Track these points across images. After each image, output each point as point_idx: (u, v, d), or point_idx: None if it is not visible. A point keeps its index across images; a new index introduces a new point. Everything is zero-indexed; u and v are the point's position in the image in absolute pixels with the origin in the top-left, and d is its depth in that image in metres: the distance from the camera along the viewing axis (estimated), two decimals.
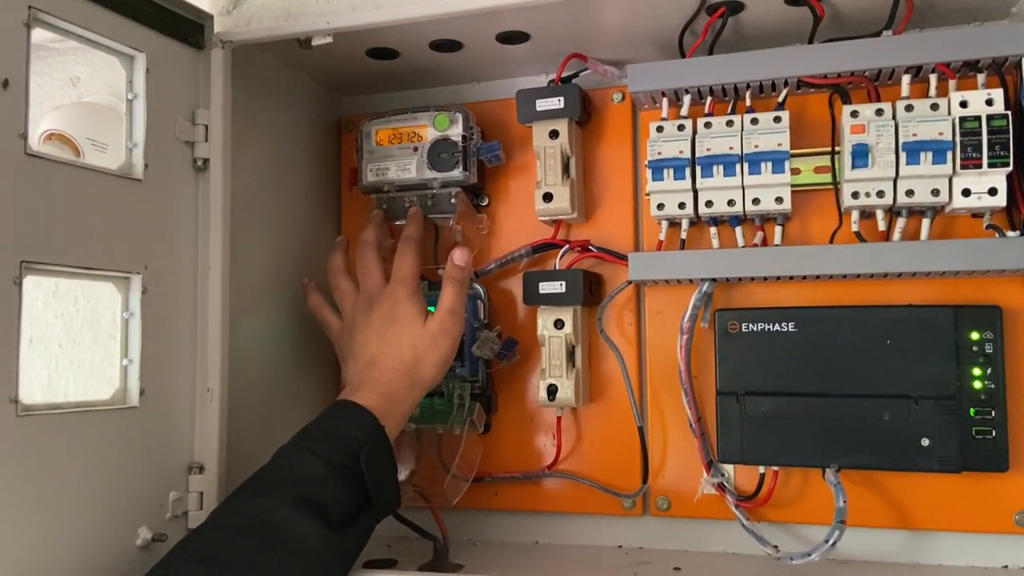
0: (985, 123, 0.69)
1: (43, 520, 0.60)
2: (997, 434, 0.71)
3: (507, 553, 0.85)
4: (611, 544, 0.86)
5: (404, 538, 0.84)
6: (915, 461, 0.72)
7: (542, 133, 0.83)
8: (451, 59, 0.87)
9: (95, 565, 0.64)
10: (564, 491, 0.86)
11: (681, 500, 0.82)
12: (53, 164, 0.63)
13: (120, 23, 0.69)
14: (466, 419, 0.84)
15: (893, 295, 0.77)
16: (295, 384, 0.88)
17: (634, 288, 0.85)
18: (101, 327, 0.90)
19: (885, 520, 0.76)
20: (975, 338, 0.72)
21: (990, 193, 0.69)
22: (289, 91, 0.90)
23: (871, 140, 0.72)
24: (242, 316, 0.79)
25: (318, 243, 0.92)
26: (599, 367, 0.86)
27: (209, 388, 0.74)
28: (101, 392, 0.70)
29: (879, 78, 0.75)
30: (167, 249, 0.73)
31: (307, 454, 0.67)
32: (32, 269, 0.61)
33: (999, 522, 0.74)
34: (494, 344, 0.84)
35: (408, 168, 0.87)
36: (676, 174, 0.77)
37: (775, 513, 0.79)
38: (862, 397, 0.73)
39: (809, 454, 0.74)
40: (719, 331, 0.78)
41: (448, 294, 0.79)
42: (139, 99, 0.71)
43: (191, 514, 0.73)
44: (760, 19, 0.77)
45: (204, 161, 0.76)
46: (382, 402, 0.72)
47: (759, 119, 0.75)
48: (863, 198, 0.73)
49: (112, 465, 0.66)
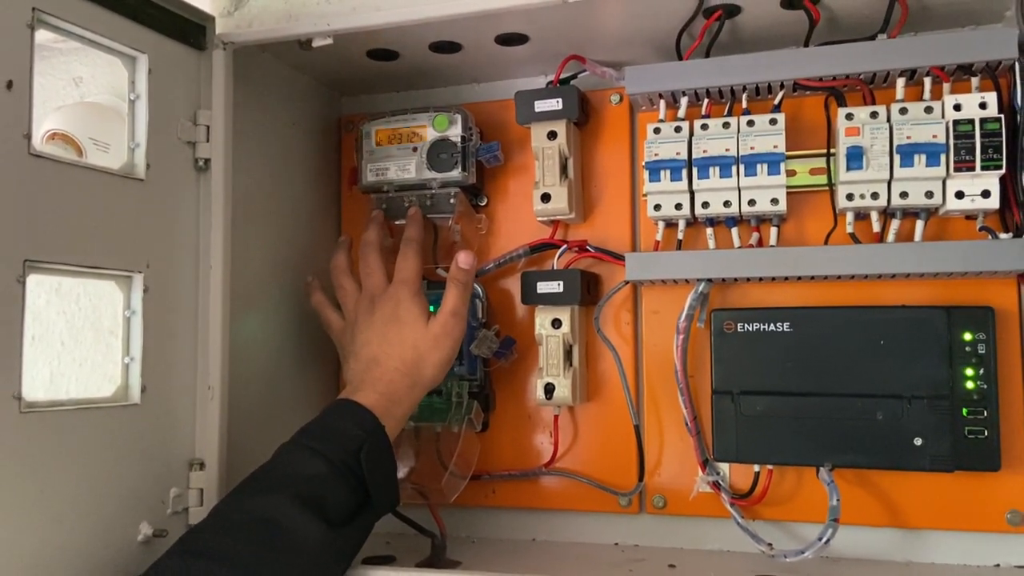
0: (978, 126, 0.70)
1: (46, 515, 0.61)
2: (989, 434, 0.71)
3: (504, 550, 0.86)
4: (607, 541, 0.87)
5: (402, 535, 0.85)
6: (908, 460, 0.72)
7: (540, 134, 0.84)
8: (450, 60, 0.87)
9: (97, 560, 0.65)
10: (561, 489, 0.87)
11: (677, 498, 0.83)
12: (57, 164, 0.64)
13: (123, 24, 0.70)
14: (464, 417, 0.85)
15: (887, 296, 0.78)
16: (295, 382, 0.89)
17: (631, 288, 0.86)
18: (103, 325, 0.91)
19: (878, 518, 0.77)
20: (968, 339, 0.72)
21: (983, 195, 0.70)
22: (290, 91, 0.91)
23: (866, 142, 0.73)
24: (242, 314, 0.80)
25: (318, 242, 0.93)
26: (596, 366, 0.87)
27: (210, 386, 0.75)
28: (102, 389, 0.71)
29: (874, 81, 0.76)
30: (169, 248, 0.73)
31: (308, 453, 0.67)
32: (36, 268, 0.61)
33: (991, 521, 0.75)
34: (492, 343, 0.85)
35: (408, 168, 0.88)
36: (673, 175, 0.77)
37: (770, 511, 0.80)
38: (856, 397, 0.74)
39: (803, 453, 0.75)
40: (715, 331, 0.78)
41: (451, 296, 0.80)
42: (141, 100, 0.72)
43: (192, 510, 0.73)
44: (756, 22, 0.77)
45: (205, 161, 0.76)
46: (383, 401, 0.73)
47: (755, 121, 0.76)
48: (858, 200, 0.73)
49: (114, 461, 0.67)
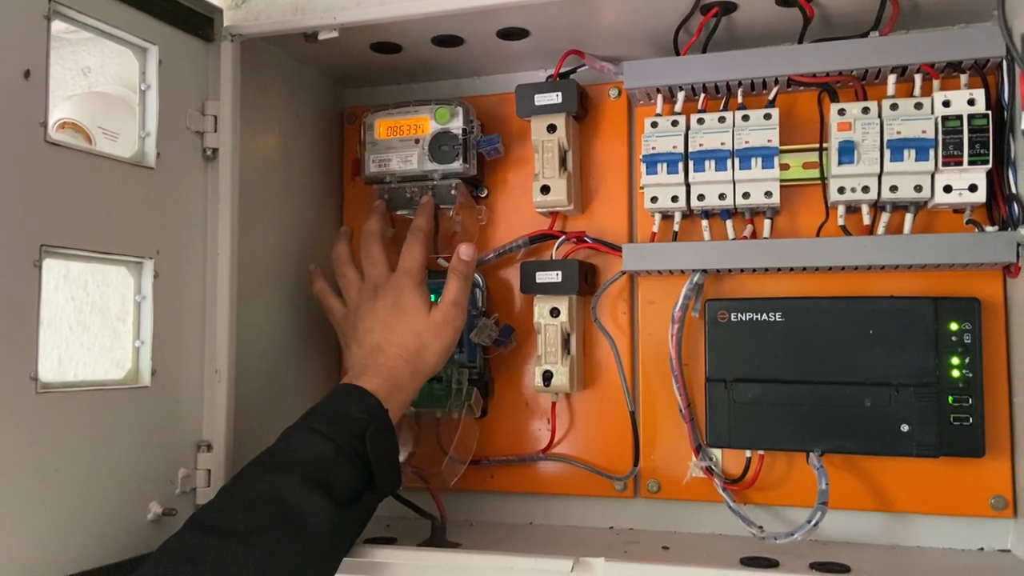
0: (966, 122, 0.72)
1: (60, 493, 0.63)
2: (974, 421, 0.73)
3: (502, 533, 0.87)
4: (603, 525, 0.88)
5: (403, 518, 0.87)
6: (895, 446, 0.74)
7: (540, 127, 0.85)
8: (452, 54, 0.89)
9: (109, 537, 0.67)
10: (558, 474, 0.89)
11: (671, 483, 0.84)
12: (71, 152, 0.65)
13: (134, 16, 0.71)
14: (464, 404, 0.86)
15: (877, 287, 0.79)
16: (299, 366, 0.91)
17: (628, 278, 0.87)
18: (110, 311, 0.92)
19: (866, 503, 0.79)
20: (954, 329, 0.74)
21: (970, 189, 0.72)
22: (294, 83, 0.92)
23: (857, 137, 0.74)
24: (249, 300, 0.81)
25: (322, 230, 0.94)
26: (593, 354, 0.88)
27: (217, 369, 0.76)
28: (110, 373, 0.72)
29: (866, 77, 0.77)
30: (178, 235, 0.75)
31: (315, 435, 0.68)
32: (51, 253, 0.63)
33: (975, 506, 0.76)
34: (492, 331, 0.87)
35: (410, 160, 0.89)
36: (669, 168, 0.79)
37: (760, 495, 0.81)
38: (845, 384, 0.75)
39: (794, 439, 0.77)
40: (709, 320, 0.80)
41: (452, 286, 0.81)
42: (152, 90, 0.73)
43: (199, 490, 0.75)
44: (752, 19, 0.79)
45: (213, 151, 0.78)
46: (386, 387, 0.74)
47: (750, 116, 0.78)
48: (849, 193, 0.75)
49: (124, 442, 0.69)
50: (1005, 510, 0.76)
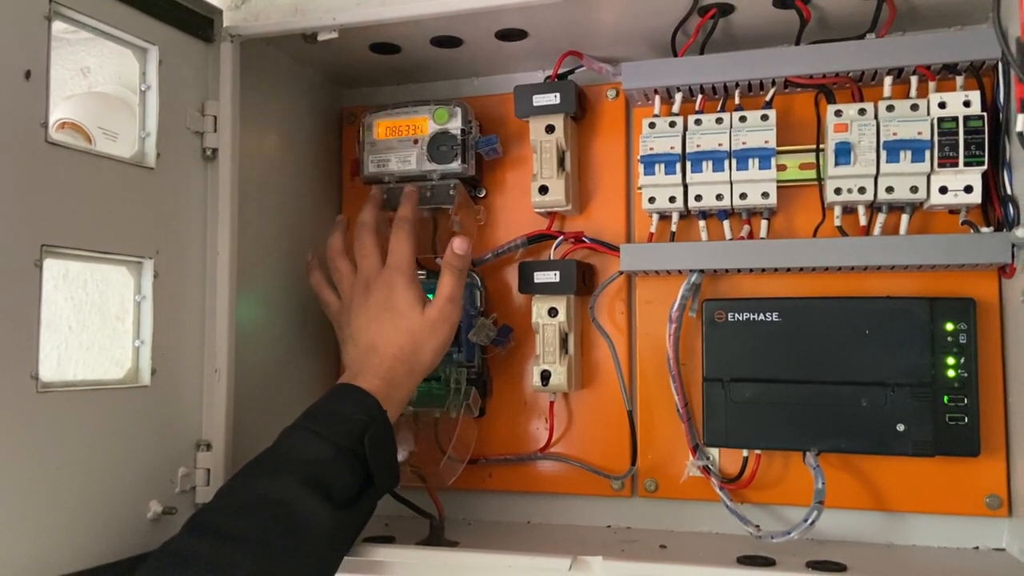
0: (962, 124, 0.72)
1: (60, 492, 0.63)
2: (969, 420, 0.73)
3: (500, 531, 0.87)
4: (600, 524, 0.88)
5: (401, 517, 0.86)
6: (891, 445, 0.74)
7: (538, 128, 0.85)
8: (451, 55, 0.89)
9: (109, 536, 0.67)
10: (556, 473, 0.89)
11: (668, 482, 0.85)
12: (72, 152, 0.66)
13: (135, 17, 0.71)
14: (462, 403, 0.86)
15: (873, 287, 0.80)
16: (298, 366, 0.91)
17: (625, 278, 0.88)
18: (109, 310, 0.93)
19: (862, 502, 0.79)
20: (950, 329, 0.74)
21: (966, 191, 0.72)
22: (293, 84, 0.92)
23: (854, 138, 0.74)
24: (248, 300, 0.81)
25: (321, 231, 0.93)
26: (591, 354, 0.89)
27: (217, 369, 0.76)
28: (109, 373, 0.72)
29: (862, 79, 0.78)
30: (178, 235, 0.75)
31: (314, 437, 0.68)
32: (52, 252, 0.63)
33: (971, 505, 0.77)
34: (490, 331, 0.87)
35: (408, 160, 0.89)
36: (667, 169, 0.79)
37: (757, 495, 0.82)
38: (841, 384, 0.76)
39: (790, 438, 0.77)
40: (706, 320, 0.80)
41: (447, 282, 0.80)
42: (152, 90, 0.73)
43: (199, 489, 0.75)
44: (749, 21, 0.79)
45: (213, 151, 0.78)
46: (383, 387, 0.74)
47: (747, 117, 0.78)
48: (845, 194, 0.75)
49: (124, 441, 0.69)
50: (1000, 509, 0.76)
